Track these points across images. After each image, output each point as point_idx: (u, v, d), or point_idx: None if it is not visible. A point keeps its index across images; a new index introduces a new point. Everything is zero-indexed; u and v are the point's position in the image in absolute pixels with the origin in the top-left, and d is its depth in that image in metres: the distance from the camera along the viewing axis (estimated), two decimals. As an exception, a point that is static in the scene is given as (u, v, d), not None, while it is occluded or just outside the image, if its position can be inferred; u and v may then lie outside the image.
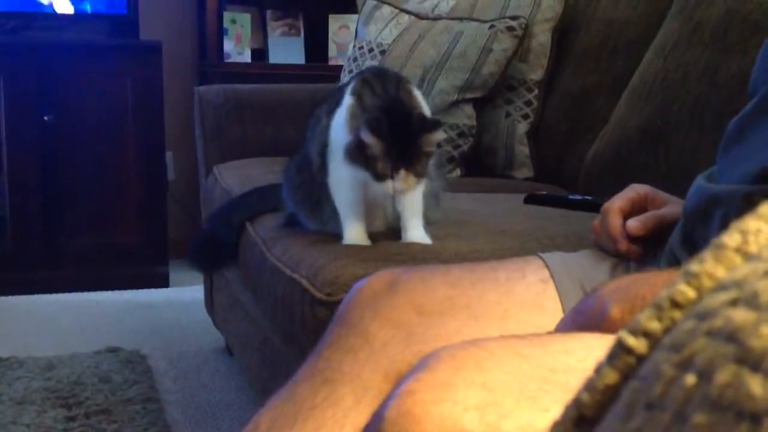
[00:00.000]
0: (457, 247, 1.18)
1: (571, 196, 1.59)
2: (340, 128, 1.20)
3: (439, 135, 1.16)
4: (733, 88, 1.38)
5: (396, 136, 1.13)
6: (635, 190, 0.96)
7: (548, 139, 1.98)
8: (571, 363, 0.58)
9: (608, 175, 1.64)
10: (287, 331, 1.23)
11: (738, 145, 0.83)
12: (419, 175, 1.15)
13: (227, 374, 2.08)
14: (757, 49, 0.89)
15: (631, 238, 0.92)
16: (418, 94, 1.22)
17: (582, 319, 0.71)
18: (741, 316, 0.18)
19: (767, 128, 0.79)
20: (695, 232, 0.83)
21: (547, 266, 0.90)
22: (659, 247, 0.91)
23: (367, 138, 1.13)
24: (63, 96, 2.81)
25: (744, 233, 0.20)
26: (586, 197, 1.55)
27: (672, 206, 0.93)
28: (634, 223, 0.91)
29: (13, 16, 2.91)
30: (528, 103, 2.00)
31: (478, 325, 0.82)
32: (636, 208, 0.95)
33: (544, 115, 2.00)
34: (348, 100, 1.20)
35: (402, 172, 1.13)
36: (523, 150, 1.99)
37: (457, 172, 1.99)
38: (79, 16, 2.99)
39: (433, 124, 1.15)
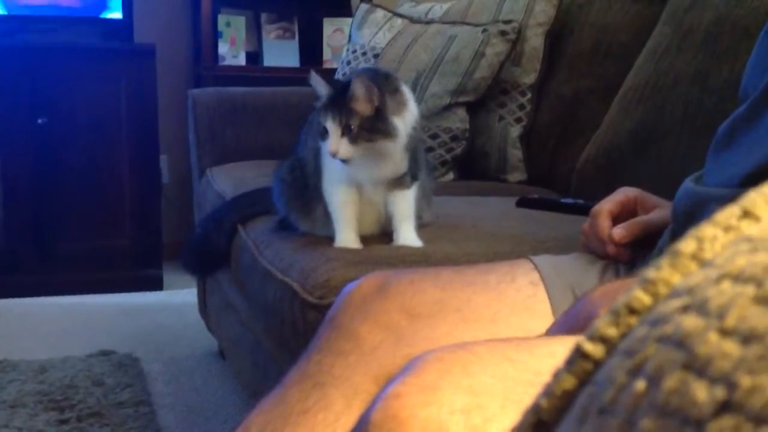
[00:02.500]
0: (448, 251, 1.18)
1: (563, 200, 1.60)
2: None
3: (357, 89, 1.14)
4: (723, 93, 1.38)
5: (337, 91, 1.17)
6: (625, 194, 0.97)
7: (541, 142, 1.98)
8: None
9: (600, 178, 1.65)
10: (278, 335, 1.23)
11: (728, 149, 0.83)
12: (353, 141, 1.15)
13: (220, 378, 2.08)
14: (748, 55, 0.89)
15: None
16: (406, 91, 1.23)
17: (571, 323, 0.72)
18: (690, 322, 0.18)
19: (757, 132, 0.79)
20: (683, 235, 0.83)
21: (538, 269, 0.90)
22: (649, 250, 0.92)
23: (313, 79, 1.17)
24: (56, 99, 2.81)
25: (700, 240, 0.20)
26: (578, 200, 1.55)
27: (661, 210, 0.94)
28: (618, 231, 0.92)
29: (6, 18, 2.91)
30: (521, 107, 2.00)
31: (468, 329, 0.82)
32: (625, 212, 0.96)
33: (536, 118, 2.01)
34: None
35: (330, 122, 1.14)
36: (515, 153, 1.99)
37: (450, 175, 2.00)
38: (73, 19, 2.99)
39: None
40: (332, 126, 1.14)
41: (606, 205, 0.95)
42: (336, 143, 1.14)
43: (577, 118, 1.91)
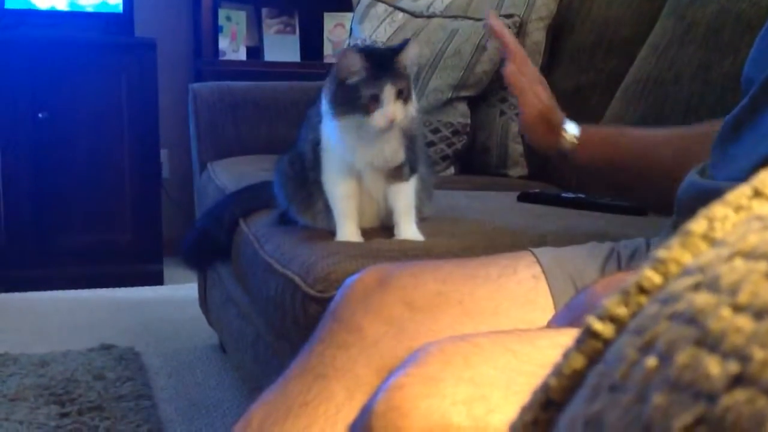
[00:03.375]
0: (450, 244, 1.18)
1: (564, 194, 1.60)
2: (330, 122, 1.20)
3: (413, 49, 1.17)
4: (726, 87, 1.38)
5: (376, 59, 1.16)
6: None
7: (542, 137, 1.98)
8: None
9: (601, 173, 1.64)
10: (279, 328, 1.23)
11: (734, 142, 0.83)
12: (406, 101, 1.16)
13: (221, 371, 2.08)
14: (750, 49, 0.89)
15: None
16: None
17: (573, 315, 0.72)
18: (702, 299, 0.18)
19: (761, 126, 0.79)
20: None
21: (539, 262, 0.90)
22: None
23: (351, 57, 1.14)
24: (57, 93, 2.80)
25: (711, 220, 0.20)
26: (579, 195, 1.55)
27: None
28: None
29: (7, 12, 2.90)
30: (522, 102, 2.00)
31: (469, 321, 0.82)
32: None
33: (538, 113, 2.00)
34: None
35: (388, 88, 1.13)
36: (516, 148, 1.99)
37: (451, 170, 2.00)
38: (74, 13, 2.98)
39: (403, 43, 1.18)
40: (390, 92, 1.14)
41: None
42: (394, 109, 1.14)
43: (579, 113, 1.89)
